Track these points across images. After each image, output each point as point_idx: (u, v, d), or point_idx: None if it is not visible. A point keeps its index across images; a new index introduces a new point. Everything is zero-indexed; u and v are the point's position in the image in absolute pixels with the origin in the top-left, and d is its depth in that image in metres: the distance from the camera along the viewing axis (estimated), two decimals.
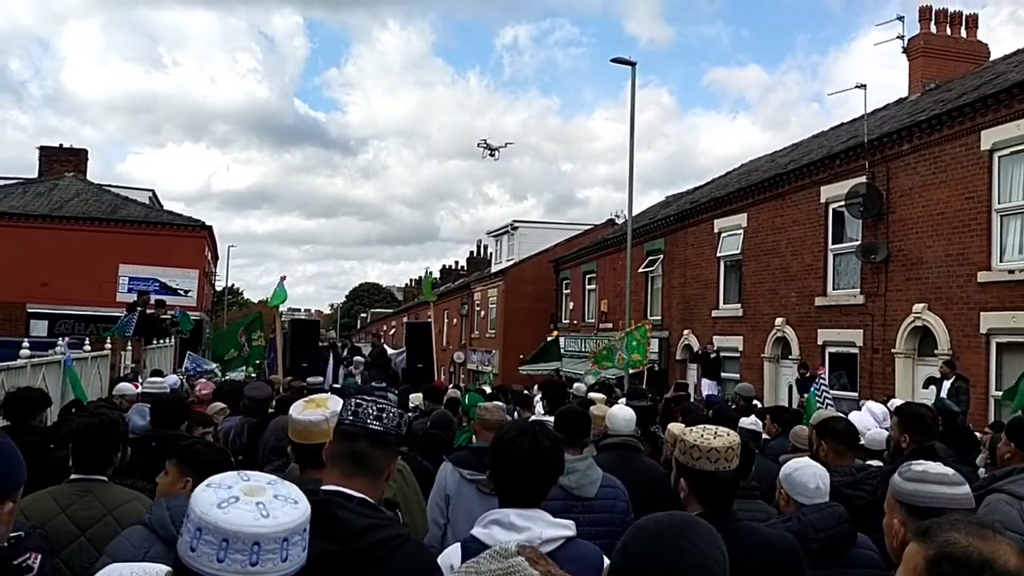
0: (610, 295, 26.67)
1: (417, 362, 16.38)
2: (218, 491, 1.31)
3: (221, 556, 1.24)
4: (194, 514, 1.29)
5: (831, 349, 15.80)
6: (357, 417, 2.23)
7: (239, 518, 1.26)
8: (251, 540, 1.25)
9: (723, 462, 2.60)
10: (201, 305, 31.87)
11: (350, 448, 2.20)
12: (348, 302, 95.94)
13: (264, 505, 1.29)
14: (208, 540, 1.25)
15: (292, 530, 1.29)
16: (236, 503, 1.28)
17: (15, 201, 29.07)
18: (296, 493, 1.38)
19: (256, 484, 1.35)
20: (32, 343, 8.68)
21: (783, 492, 3.39)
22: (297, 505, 1.34)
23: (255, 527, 1.26)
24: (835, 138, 18.25)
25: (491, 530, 2.44)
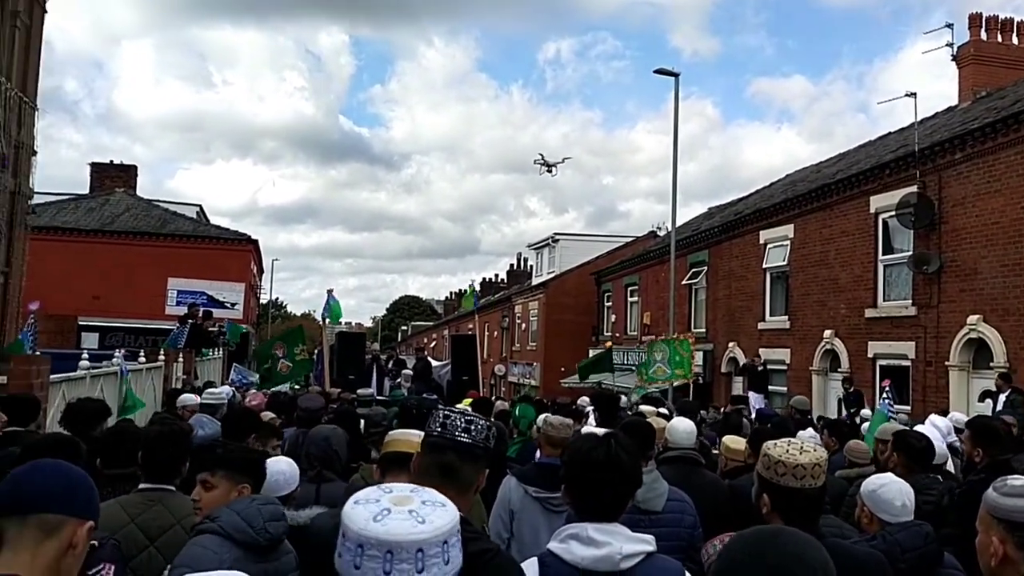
0: (653, 307, 26.50)
1: (463, 374, 16.40)
2: (368, 506, 1.32)
3: (387, 568, 1.24)
4: (351, 531, 1.29)
5: (882, 362, 15.50)
6: (445, 429, 2.21)
7: (398, 528, 1.26)
8: (415, 548, 1.25)
9: (809, 479, 2.50)
10: (247, 318, 32.28)
11: (438, 460, 2.18)
12: (389, 315, 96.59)
13: (417, 512, 1.30)
14: (372, 555, 1.25)
15: (449, 532, 1.30)
16: (390, 514, 1.29)
17: (68, 216, 29.77)
18: (440, 496, 1.39)
19: (401, 494, 1.36)
20: (90, 355, 8.84)
21: (866, 509, 3.30)
22: (447, 507, 1.35)
23: (415, 534, 1.26)
24: (883, 147, 17.98)
25: (568, 545, 2.39)
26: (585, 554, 2.34)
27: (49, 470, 1.81)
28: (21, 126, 15.27)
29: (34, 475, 1.78)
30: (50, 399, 6.75)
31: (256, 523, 3.01)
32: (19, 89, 15.09)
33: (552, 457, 4.53)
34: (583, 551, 2.35)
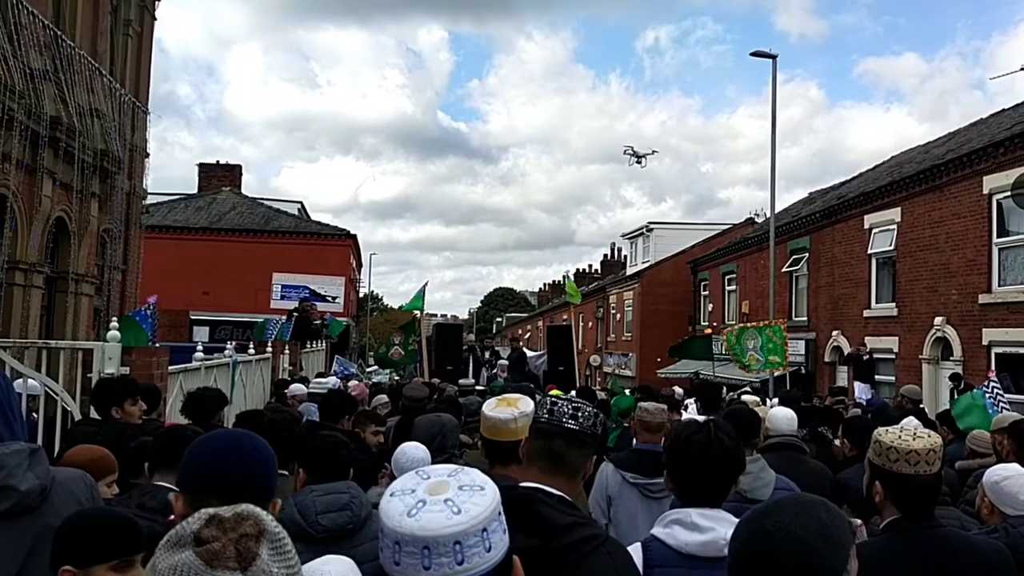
0: (752, 296, 25.94)
1: (559, 365, 16.41)
2: (404, 498, 1.27)
3: (427, 563, 1.21)
4: (388, 528, 1.25)
5: (997, 349, 14.76)
6: (553, 415, 2.21)
7: (432, 522, 1.22)
8: (452, 541, 1.21)
9: (923, 465, 2.43)
10: (347, 311, 33.15)
11: (546, 446, 2.18)
12: (483, 307, 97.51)
13: (453, 501, 1.25)
14: (409, 551, 1.22)
15: (487, 518, 1.25)
16: (424, 507, 1.24)
17: (178, 215, 31.18)
18: (481, 478, 1.33)
19: (438, 480, 1.30)
20: (203, 348, 9.26)
21: (987, 501, 3.18)
22: (485, 491, 1.29)
23: (451, 527, 1.22)
24: (996, 125, 17.08)
25: (672, 530, 2.40)
26: (689, 539, 2.35)
27: (257, 460, 1.86)
28: (134, 130, 16.07)
29: (245, 465, 1.83)
30: (169, 389, 7.10)
31: (309, 515, 3.05)
32: (132, 94, 15.87)
33: (648, 443, 4.53)
34: (687, 536, 2.35)
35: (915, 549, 2.41)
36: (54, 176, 11.94)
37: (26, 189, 11.22)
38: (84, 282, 13.52)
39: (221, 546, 1.05)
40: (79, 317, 13.36)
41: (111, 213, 14.68)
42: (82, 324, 13.42)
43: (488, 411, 2.78)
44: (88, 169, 13.01)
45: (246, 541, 1.07)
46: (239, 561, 1.04)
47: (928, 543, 2.39)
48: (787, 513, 1.50)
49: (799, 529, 1.46)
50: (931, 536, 2.44)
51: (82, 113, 12.66)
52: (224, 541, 1.06)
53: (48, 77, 11.57)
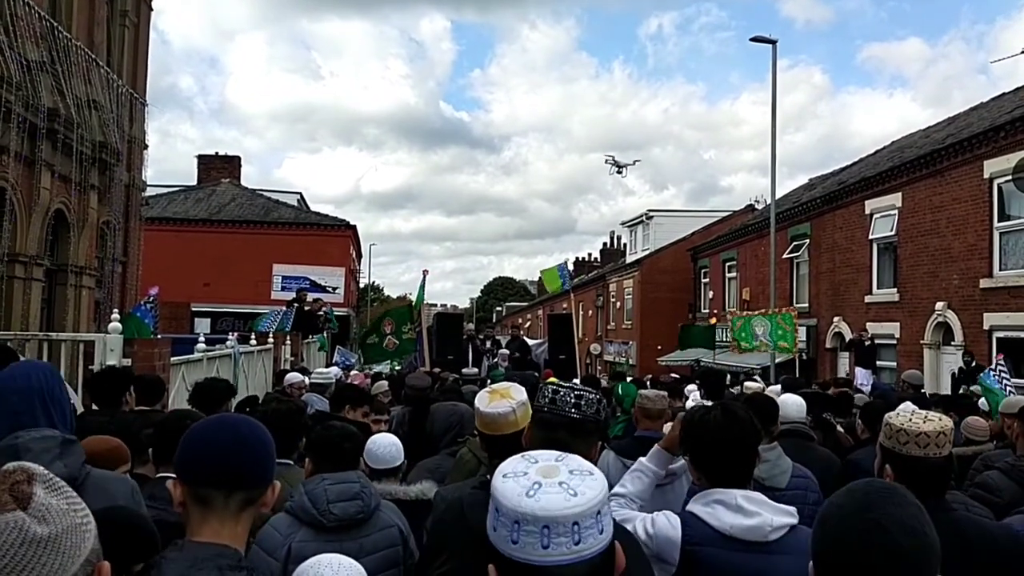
0: (752, 283, 25.93)
1: (559, 353, 16.41)
2: (519, 480, 1.31)
3: (545, 543, 1.25)
4: (506, 507, 1.29)
5: (999, 334, 14.76)
6: (555, 404, 2.18)
7: (552, 503, 1.26)
8: (571, 521, 1.25)
9: (933, 447, 2.43)
10: (347, 301, 33.15)
11: (550, 437, 2.14)
12: (483, 296, 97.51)
13: (568, 484, 1.29)
14: (529, 530, 1.25)
15: (601, 502, 1.30)
16: (541, 488, 1.28)
17: (178, 207, 31.14)
18: (587, 464, 1.37)
19: (548, 464, 1.35)
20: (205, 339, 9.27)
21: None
22: (595, 476, 1.34)
23: (570, 508, 1.26)
24: (997, 109, 17.03)
25: (714, 509, 2.37)
26: (735, 522, 2.32)
27: (254, 446, 1.84)
28: (133, 121, 16.02)
29: (244, 453, 1.81)
30: (171, 380, 7.10)
31: (320, 504, 3.05)
32: (130, 86, 15.82)
33: (649, 430, 4.52)
34: (732, 518, 2.32)
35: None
36: (52, 168, 11.91)
37: (25, 181, 11.19)
38: (84, 274, 13.51)
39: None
40: (80, 310, 13.35)
41: (110, 205, 14.65)
42: (83, 317, 13.41)
43: (483, 407, 2.73)
44: (87, 161, 12.98)
45: (18, 486, 1.16)
46: (17, 502, 1.14)
47: (938, 527, 2.36)
48: (892, 504, 1.53)
49: (909, 519, 1.51)
50: (942, 520, 2.41)
51: (80, 105, 12.62)
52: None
53: (45, 69, 11.53)
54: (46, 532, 1.14)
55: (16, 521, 1.13)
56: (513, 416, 2.71)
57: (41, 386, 2.62)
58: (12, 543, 1.12)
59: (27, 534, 1.13)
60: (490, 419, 2.73)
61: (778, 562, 2.25)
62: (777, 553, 2.27)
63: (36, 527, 1.14)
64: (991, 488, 4.09)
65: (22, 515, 1.14)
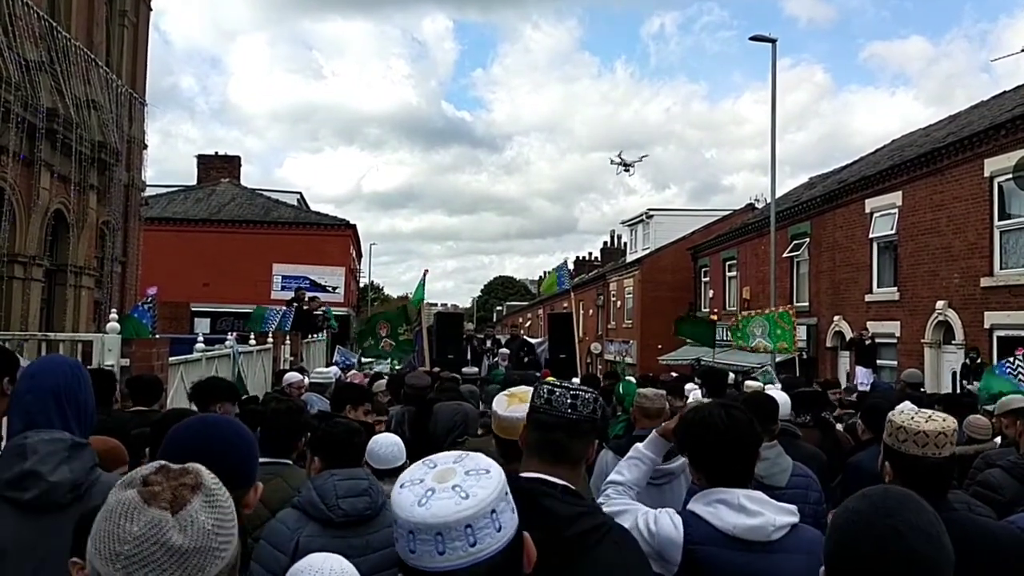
0: (752, 281, 25.91)
1: (560, 352, 16.39)
2: (413, 488, 1.31)
3: (440, 549, 1.25)
4: (401, 518, 1.29)
5: (999, 332, 14.74)
6: (551, 405, 2.16)
7: (442, 509, 1.26)
8: (463, 524, 1.25)
9: (932, 447, 2.41)
10: (347, 301, 33.15)
11: (547, 438, 2.13)
12: (483, 296, 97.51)
13: (460, 487, 1.29)
14: (423, 539, 1.26)
15: (495, 499, 1.29)
16: (434, 495, 1.28)
17: (178, 207, 31.14)
18: (485, 461, 1.36)
19: (444, 467, 1.34)
20: (204, 339, 9.25)
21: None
22: (490, 474, 1.33)
23: (461, 512, 1.26)
24: (997, 108, 17.01)
25: (716, 509, 2.35)
26: (737, 522, 2.30)
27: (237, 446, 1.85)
28: (132, 121, 16.01)
29: (224, 452, 1.80)
30: (169, 380, 7.08)
31: (329, 499, 3.06)
32: (129, 86, 15.81)
33: (648, 429, 4.50)
34: (735, 518, 2.31)
35: None
36: (52, 168, 11.90)
37: (24, 182, 11.18)
38: (84, 275, 13.50)
39: (160, 489, 1.20)
40: (79, 310, 13.34)
41: (110, 205, 14.64)
42: (83, 317, 13.40)
43: (501, 411, 2.71)
44: (86, 161, 12.96)
45: (182, 489, 1.22)
46: (171, 504, 1.19)
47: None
48: (909, 511, 1.53)
49: (927, 526, 1.51)
50: (943, 520, 2.40)
51: (79, 105, 12.61)
52: (164, 486, 1.21)
53: (44, 69, 11.51)
54: (180, 542, 1.18)
55: (162, 520, 1.18)
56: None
57: (59, 385, 2.58)
58: (148, 538, 1.17)
59: (164, 536, 1.17)
60: (508, 423, 2.69)
61: (780, 561, 2.24)
62: (779, 552, 2.26)
63: (175, 535, 1.18)
64: (993, 486, 4.08)
65: (170, 517, 1.18)
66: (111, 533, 1.18)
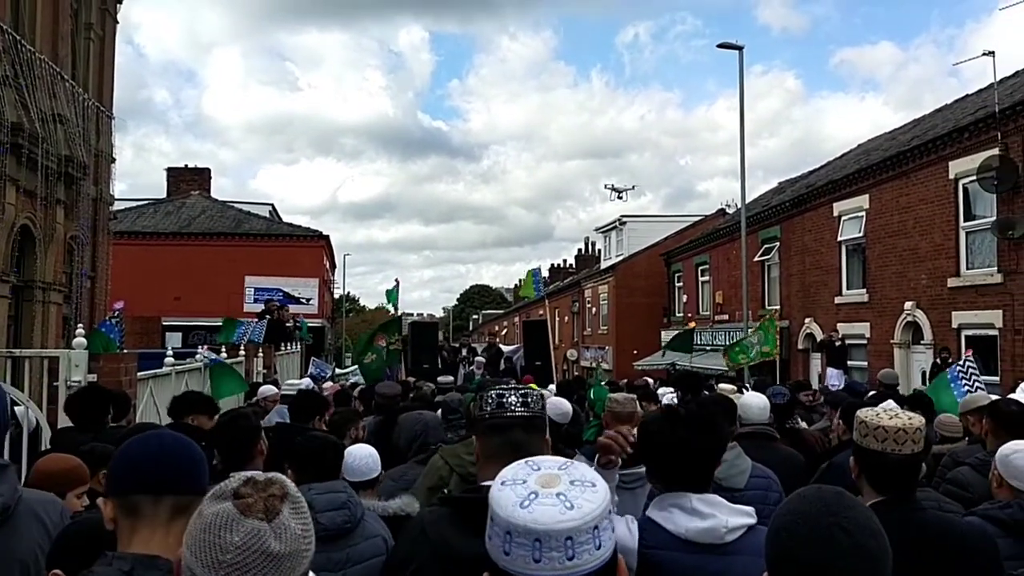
0: (725, 286, 26.11)
1: (535, 359, 16.42)
2: (515, 488, 1.27)
3: (537, 556, 1.21)
4: (499, 517, 1.25)
5: (967, 332, 14.96)
6: (503, 407, 2.18)
7: (545, 515, 1.21)
8: (564, 536, 1.20)
9: (891, 443, 2.42)
10: (322, 312, 32.96)
11: (507, 440, 2.14)
12: (459, 304, 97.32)
13: (565, 496, 1.25)
14: (520, 542, 1.21)
15: (599, 516, 1.25)
16: (537, 499, 1.24)
17: (147, 221, 30.84)
18: (591, 474, 1.33)
19: (549, 472, 1.30)
20: (174, 353, 9.16)
21: (996, 474, 3.22)
22: (596, 488, 1.29)
23: (564, 522, 1.21)
24: (960, 111, 17.30)
25: (671, 513, 2.35)
26: (689, 525, 2.31)
27: (179, 451, 1.87)
28: (99, 135, 15.84)
29: (168, 457, 1.83)
30: (138, 395, 7.00)
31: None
32: (96, 99, 15.64)
33: None
34: (687, 522, 2.31)
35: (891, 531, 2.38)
36: (17, 183, 11.73)
37: None
38: (52, 290, 13.31)
39: (253, 501, 1.32)
40: (48, 326, 13.14)
41: (78, 220, 14.45)
42: (51, 333, 13.20)
43: None
44: (52, 176, 12.79)
45: (272, 499, 1.33)
46: (266, 514, 1.31)
47: (904, 525, 2.37)
48: (848, 508, 1.54)
49: (867, 521, 1.52)
50: (908, 519, 2.43)
51: (44, 119, 12.45)
52: (256, 497, 1.32)
53: (8, 83, 11.36)
54: (278, 549, 1.30)
55: (260, 530, 1.29)
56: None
57: None
58: (250, 547, 1.28)
59: (264, 544, 1.29)
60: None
61: (734, 563, 2.24)
62: (733, 554, 2.26)
63: (273, 542, 1.30)
64: (962, 484, 4.12)
65: (266, 526, 1.30)
66: (212, 543, 1.28)
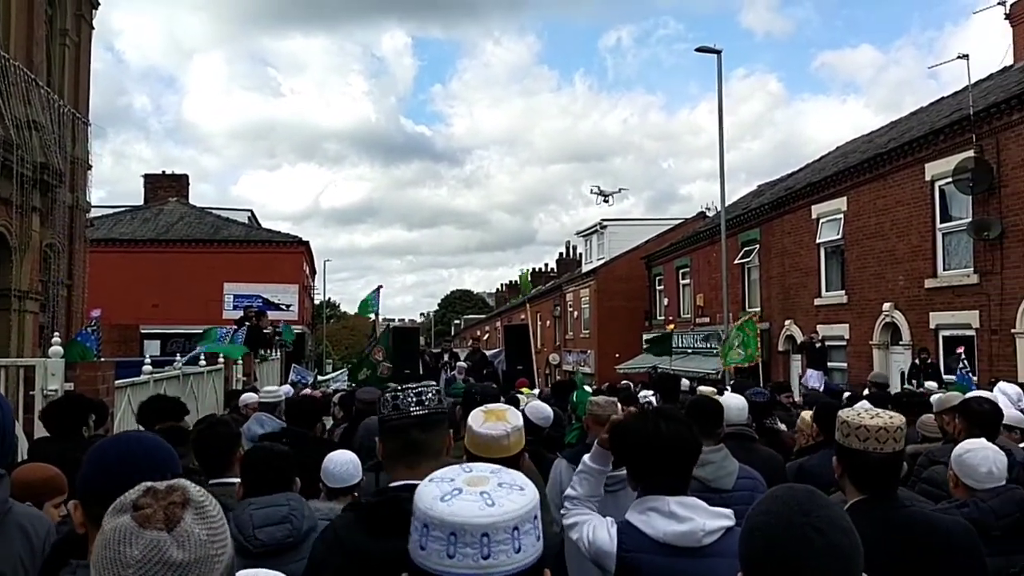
0: (706, 288, 26.22)
1: (516, 364, 16.39)
2: (440, 484, 1.26)
3: (451, 551, 1.18)
4: (419, 510, 1.24)
5: (945, 332, 15.12)
6: (399, 409, 2.20)
7: (463, 510, 1.20)
8: (479, 532, 1.18)
9: (873, 442, 2.46)
10: (302, 318, 32.79)
11: (404, 440, 2.18)
12: (441, 309, 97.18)
13: (488, 494, 1.23)
14: (436, 536, 1.20)
15: (521, 518, 1.21)
16: (460, 495, 1.23)
17: (125, 228, 30.57)
18: (522, 480, 1.30)
19: (479, 475, 1.29)
20: (152, 361, 9.08)
21: (952, 474, 3.28)
22: (524, 492, 1.26)
23: (481, 517, 1.19)
24: (936, 113, 17.49)
25: (649, 517, 2.36)
26: (667, 528, 2.32)
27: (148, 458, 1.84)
28: (75, 142, 15.71)
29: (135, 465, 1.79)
30: (116, 404, 6.93)
31: (246, 529, 2.98)
32: (71, 105, 15.50)
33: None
34: (665, 525, 2.32)
35: (875, 529, 2.42)
36: None
37: None
38: (28, 299, 13.17)
39: (152, 511, 1.28)
40: (24, 335, 13.01)
41: (54, 227, 14.32)
42: (27, 342, 13.07)
43: (477, 426, 2.71)
44: (28, 183, 12.67)
45: (173, 507, 1.29)
46: (166, 523, 1.27)
47: (888, 522, 2.42)
48: (820, 507, 1.54)
49: (840, 519, 1.53)
50: (892, 516, 2.48)
51: (19, 126, 12.33)
52: (155, 507, 1.28)
53: None
54: (180, 557, 1.25)
55: (160, 541, 1.25)
56: (506, 440, 2.68)
57: None
58: (151, 559, 1.24)
59: (165, 555, 1.24)
60: (481, 440, 2.68)
61: (713, 565, 2.25)
62: (712, 556, 2.28)
63: (174, 551, 1.25)
64: (937, 483, 4.16)
65: (166, 536, 1.26)
66: (112, 560, 1.24)
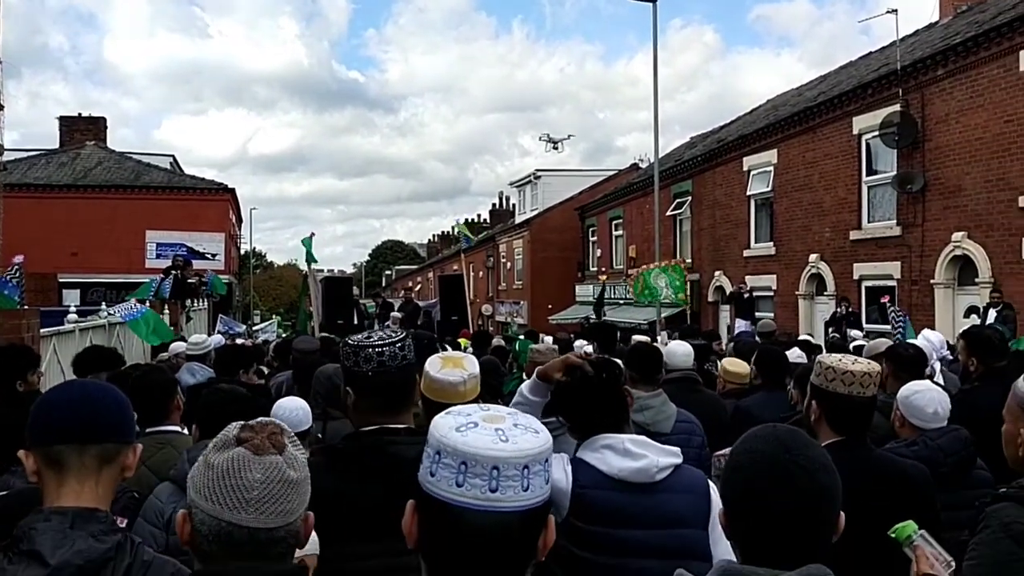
0: (638, 240, 26.51)
1: (451, 314, 16.35)
2: (457, 417, 1.27)
3: (460, 480, 1.20)
4: (433, 438, 1.25)
5: (868, 283, 15.62)
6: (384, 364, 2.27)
7: (477, 441, 1.21)
8: (490, 464, 1.19)
9: (857, 387, 2.60)
10: (228, 268, 32.10)
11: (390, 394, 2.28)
12: (372, 260, 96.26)
13: (503, 431, 1.24)
14: (447, 463, 1.21)
15: (533, 457, 1.23)
16: (475, 428, 1.24)
17: (39, 172, 29.24)
18: (537, 424, 1.31)
19: (496, 413, 1.29)
20: (77, 311, 8.75)
21: (898, 414, 3.39)
22: (538, 434, 1.27)
23: (494, 450, 1.20)
24: (865, 67, 17.83)
25: (603, 455, 2.39)
26: (623, 465, 2.36)
27: (103, 398, 1.83)
28: None
29: (92, 404, 1.79)
30: (42, 353, 6.66)
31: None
32: None
33: None
34: (620, 462, 2.37)
35: (851, 469, 2.50)
36: None
37: None
38: None
39: (260, 441, 1.46)
40: None
41: None
42: None
43: (434, 372, 2.73)
44: None
45: (275, 437, 1.49)
46: (277, 448, 1.47)
47: (859, 463, 2.55)
48: (804, 446, 1.55)
49: (822, 458, 1.54)
50: (861, 458, 2.64)
51: None
52: (261, 438, 1.47)
53: None
54: (294, 476, 1.46)
55: (277, 463, 1.45)
56: (463, 387, 2.70)
57: None
58: (273, 479, 1.43)
59: (284, 474, 1.45)
60: (439, 386, 2.70)
61: (664, 500, 2.35)
62: (663, 492, 2.36)
63: (289, 471, 1.46)
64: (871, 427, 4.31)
65: (280, 459, 1.45)
66: (235, 486, 1.41)
